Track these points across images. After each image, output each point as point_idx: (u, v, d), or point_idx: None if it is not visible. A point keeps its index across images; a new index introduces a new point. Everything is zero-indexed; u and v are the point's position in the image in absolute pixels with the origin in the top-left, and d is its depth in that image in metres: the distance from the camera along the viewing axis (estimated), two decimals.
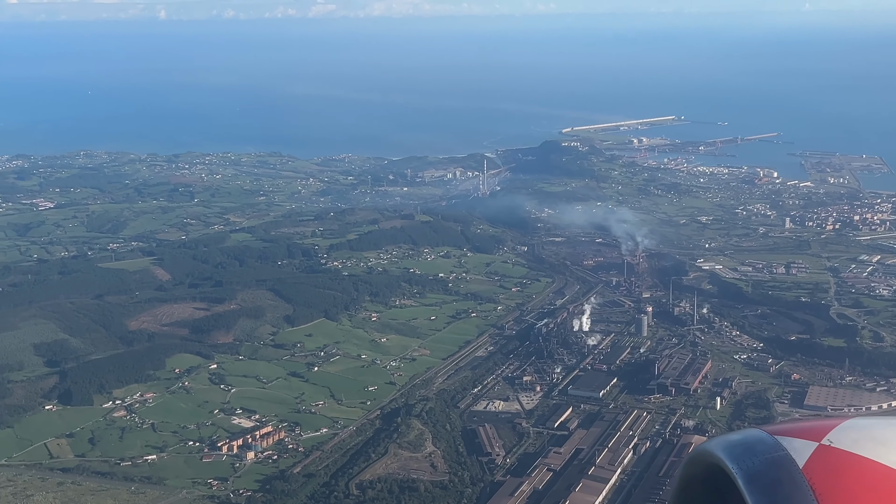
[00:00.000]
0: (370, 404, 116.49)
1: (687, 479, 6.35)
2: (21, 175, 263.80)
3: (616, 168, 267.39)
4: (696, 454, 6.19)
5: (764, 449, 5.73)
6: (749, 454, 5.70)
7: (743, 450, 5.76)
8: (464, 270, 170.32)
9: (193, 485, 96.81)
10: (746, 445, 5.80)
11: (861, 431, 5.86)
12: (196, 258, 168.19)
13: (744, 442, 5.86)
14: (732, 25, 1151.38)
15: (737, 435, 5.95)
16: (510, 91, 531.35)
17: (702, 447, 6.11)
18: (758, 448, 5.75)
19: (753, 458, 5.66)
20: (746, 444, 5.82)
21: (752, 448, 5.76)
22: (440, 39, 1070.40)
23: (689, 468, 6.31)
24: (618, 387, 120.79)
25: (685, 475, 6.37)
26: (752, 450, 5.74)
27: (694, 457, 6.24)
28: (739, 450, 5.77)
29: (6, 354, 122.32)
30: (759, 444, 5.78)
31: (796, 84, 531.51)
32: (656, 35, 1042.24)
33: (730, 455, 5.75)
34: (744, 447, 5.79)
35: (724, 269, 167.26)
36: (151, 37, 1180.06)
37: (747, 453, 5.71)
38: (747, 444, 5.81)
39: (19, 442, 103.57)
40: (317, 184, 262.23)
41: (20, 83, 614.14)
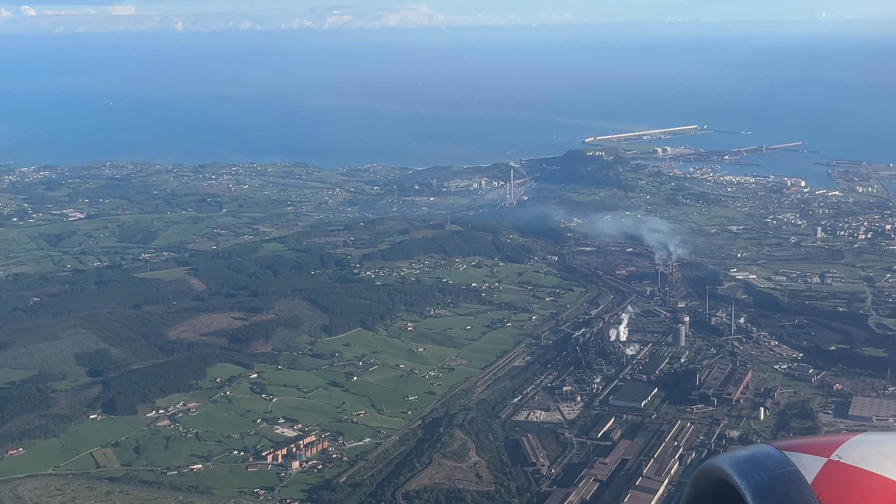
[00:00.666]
0: (411, 414, 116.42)
1: (696, 494, 6.28)
2: (50, 186, 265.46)
3: (643, 177, 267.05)
4: (705, 469, 6.14)
5: (773, 464, 5.67)
6: (758, 470, 5.64)
7: (751, 465, 5.70)
8: (496, 280, 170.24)
9: (240, 494, 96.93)
10: (755, 461, 5.75)
11: (870, 447, 5.78)
12: (230, 268, 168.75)
13: (752, 457, 5.81)
14: (749, 34, 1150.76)
15: (745, 450, 5.92)
16: (530, 101, 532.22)
17: (710, 462, 6.06)
18: (766, 463, 5.69)
19: (762, 473, 5.60)
20: (755, 460, 5.76)
21: (760, 463, 5.70)
22: (457, 50, 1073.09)
23: (698, 483, 6.25)
24: (659, 397, 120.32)
25: (694, 490, 6.29)
26: (761, 465, 5.68)
27: (703, 472, 6.19)
28: (748, 465, 5.71)
29: (48, 364, 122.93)
30: (768, 460, 5.72)
31: (817, 93, 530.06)
32: (673, 45, 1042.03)
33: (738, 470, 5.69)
34: (752, 462, 5.73)
35: (759, 279, 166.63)
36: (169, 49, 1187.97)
37: (756, 469, 5.65)
38: (756, 460, 5.76)
39: (66, 451, 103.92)
40: (343, 194, 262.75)
41: (41, 94, 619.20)
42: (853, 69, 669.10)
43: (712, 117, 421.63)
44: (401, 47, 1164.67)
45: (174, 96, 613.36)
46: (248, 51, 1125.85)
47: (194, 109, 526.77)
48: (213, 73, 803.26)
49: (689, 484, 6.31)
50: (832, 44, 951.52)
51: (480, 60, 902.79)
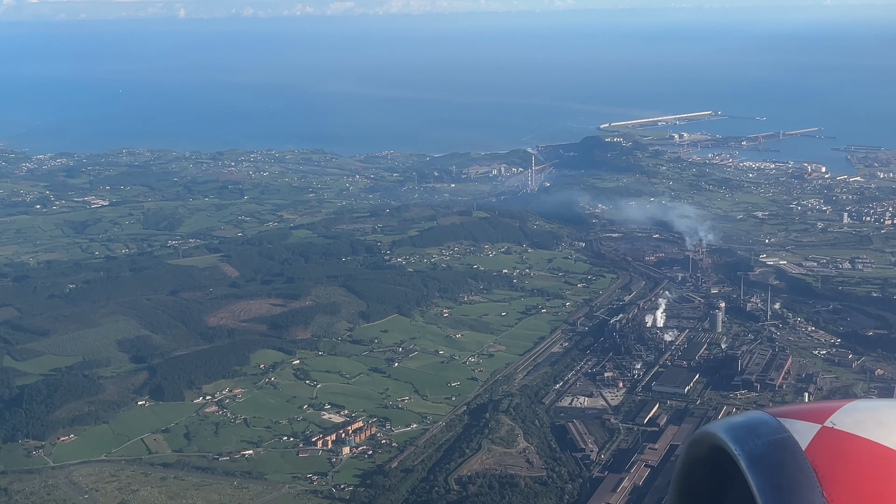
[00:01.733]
0: (455, 400, 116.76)
1: (690, 460, 6.31)
2: (70, 173, 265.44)
3: (663, 163, 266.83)
4: (700, 436, 6.15)
5: (767, 431, 5.70)
6: (752, 436, 5.67)
7: (746, 432, 5.73)
8: (526, 267, 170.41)
9: (293, 479, 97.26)
10: (749, 427, 5.77)
11: (864, 413, 5.81)
12: (262, 255, 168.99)
13: (747, 424, 5.83)
14: (755, 20, 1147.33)
15: (740, 417, 5.93)
16: (540, 87, 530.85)
17: (705, 429, 6.07)
18: (761, 430, 5.72)
19: (756, 440, 5.63)
20: (749, 427, 5.78)
21: (755, 430, 5.73)
22: (461, 36, 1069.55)
23: (693, 450, 6.26)
24: (701, 383, 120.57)
25: (688, 457, 6.32)
26: (755, 432, 5.71)
27: (697, 439, 6.20)
28: (742, 432, 5.74)
29: (92, 351, 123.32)
30: (763, 426, 5.75)
31: (829, 79, 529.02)
32: (679, 30, 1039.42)
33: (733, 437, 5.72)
34: (747, 429, 5.76)
35: (789, 265, 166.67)
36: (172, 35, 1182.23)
37: (750, 435, 5.68)
38: (750, 426, 5.78)
39: (116, 437, 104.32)
40: (363, 181, 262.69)
41: (48, 82, 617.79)
42: (862, 55, 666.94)
43: (725, 103, 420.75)
44: (405, 33, 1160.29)
45: (182, 83, 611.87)
46: (252, 37, 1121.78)
47: (204, 97, 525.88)
48: (219, 59, 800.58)
49: (683, 450, 6.36)
50: (839, 29, 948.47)
51: (486, 46, 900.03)
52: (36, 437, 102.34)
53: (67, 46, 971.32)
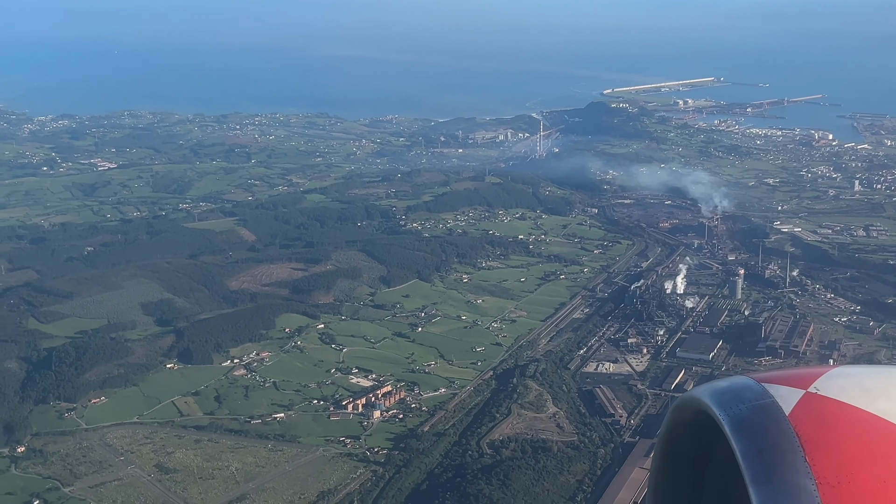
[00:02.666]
0: (481, 365, 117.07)
1: (674, 424, 6.35)
2: (74, 135, 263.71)
3: (671, 130, 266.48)
4: (684, 400, 6.19)
5: (751, 396, 5.73)
6: (736, 401, 5.70)
7: (730, 397, 5.76)
8: (542, 232, 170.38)
9: (326, 443, 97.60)
10: (734, 392, 5.81)
11: (848, 379, 5.87)
12: (277, 219, 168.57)
13: (731, 389, 5.86)
14: None
15: (724, 382, 5.97)
16: (539, 52, 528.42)
17: (689, 394, 6.10)
18: (745, 395, 5.75)
19: (740, 404, 5.67)
20: (733, 391, 5.82)
21: (739, 395, 5.76)
22: None
23: (677, 414, 6.31)
24: (725, 349, 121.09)
25: (672, 421, 6.36)
26: (739, 396, 5.74)
27: (681, 403, 6.24)
28: (727, 396, 5.77)
29: (117, 314, 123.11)
30: (746, 391, 5.79)
31: (830, 45, 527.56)
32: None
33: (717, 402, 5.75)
34: (731, 394, 5.79)
35: (804, 232, 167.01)
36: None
37: (734, 400, 5.71)
38: (734, 391, 5.82)
39: (147, 400, 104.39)
40: (370, 145, 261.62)
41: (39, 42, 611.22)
42: (861, 22, 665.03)
43: (727, 69, 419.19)
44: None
45: (176, 45, 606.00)
46: None
47: (201, 59, 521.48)
48: (213, 21, 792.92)
49: (668, 415, 6.41)
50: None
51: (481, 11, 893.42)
52: (67, 400, 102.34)
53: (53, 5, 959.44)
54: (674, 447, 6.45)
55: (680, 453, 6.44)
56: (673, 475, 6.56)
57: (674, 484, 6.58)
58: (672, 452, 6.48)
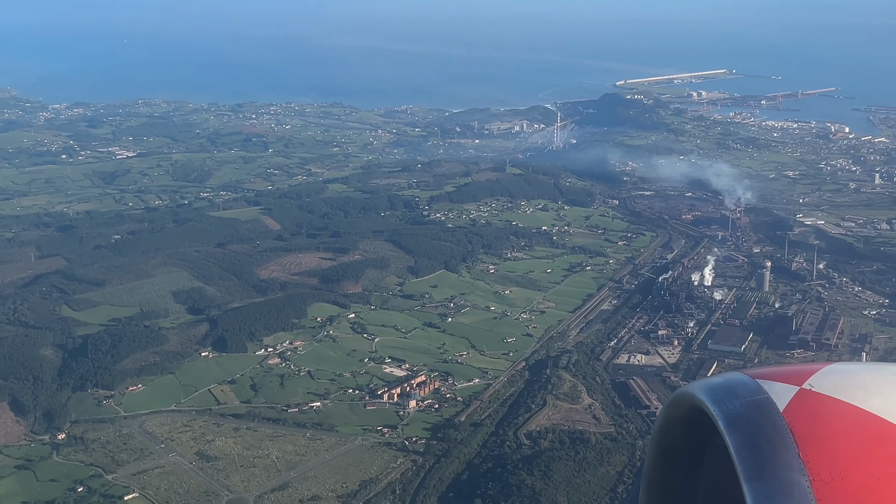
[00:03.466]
0: (513, 355, 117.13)
1: (668, 420, 6.37)
2: (91, 123, 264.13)
3: (688, 122, 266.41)
4: (679, 396, 6.21)
5: (745, 392, 5.74)
6: (730, 397, 5.71)
7: (725, 392, 5.77)
8: (565, 224, 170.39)
9: (364, 432, 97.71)
10: (728, 388, 5.82)
11: (842, 376, 5.87)
12: (301, 208, 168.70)
13: (726, 385, 5.87)
14: None
15: (719, 378, 5.98)
16: (548, 42, 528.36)
17: (684, 389, 6.11)
18: (739, 391, 5.76)
19: (734, 400, 5.67)
20: (728, 387, 5.83)
21: (733, 391, 5.77)
22: None
23: (671, 410, 6.32)
24: (756, 341, 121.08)
25: (667, 416, 6.38)
26: (734, 392, 5.75)
27: (676, 399, 6.25)
28: (721, 392, 5.78)
29: (149, 302, 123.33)
30: (741, 388, 5.79)
31: (839, 38, 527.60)
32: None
33: (711, 397, 5.76)
34: (725, 390, 5.80)
35: (827, 225, 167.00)
36: None
37: (729, 396, 5.72)
38: (729, 387, 5.82)
39: (184, 388, 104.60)
40: (386, 135, 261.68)
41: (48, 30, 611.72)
42: (867, 14, 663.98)
43: (738, 61, 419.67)
44: None
45: (187, 34, 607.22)
46: None
47: (212, 48, 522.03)
48: (220, 10, 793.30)
49: (662, 410, 6.43)
50: None
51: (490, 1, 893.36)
52: (105, 387, 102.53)
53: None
54: (668, 442, 6.48)
55: (674, 448, 6.46)
56: (667, 470, 6.57)
57: (668, 479, 6.59)
58: (666, 448, 6.50)
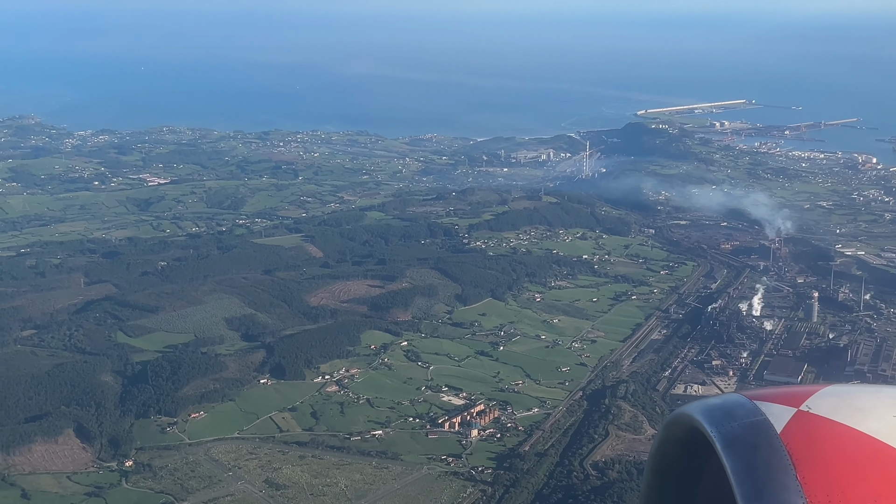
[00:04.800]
0: (569, 385, 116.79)
1: (666, 441, 6.39)
2: (121, 150, 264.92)
3: (715, 151, 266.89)
4: (676, 417, 6.21)
5: (743, 413, 5.75)
6: (728, 418, 5.72)
7: (722, 414, 5.79)
8: (605, 252, 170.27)
9: (429, 461, 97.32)
10: (725, 409, 5.83)
11: (840, 398, 5.89)
12: (343, 236, 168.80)
13: (723, 406, 5.89)
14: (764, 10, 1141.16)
15: (716, 399, 5.99)
16: (564, 72, 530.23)
17: (681, 410, 6.14)
18: (737, 412, 5.77)
19: (732, 422, 5.69)
20: (725, 409, 5.84)
21: (731, 412, 5.78)
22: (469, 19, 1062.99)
23: (669, 430, 6.34)
24: (811, 373, 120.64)
25: (664, 437, 6.40)
26: (731, 414, 5.76)
27: (673, 419, 6.26)
28: (718, 413, 5.80)
29: (204, 329, 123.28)
30: (739, 409, 5.81)
31: (855, 69, 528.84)
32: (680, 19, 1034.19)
33: (709, 419, 5.78)
34: (723, 411, 5.82)
35: (868, 255, 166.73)
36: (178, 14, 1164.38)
37: (726, 417, 5.74)
38: (726, 409, 5.84)
39: (245, 415, 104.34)
40: (414, 164, 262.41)
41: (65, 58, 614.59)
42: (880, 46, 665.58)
43: (756, 92, 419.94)
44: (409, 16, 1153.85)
45: (201, 62, 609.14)
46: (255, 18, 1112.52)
47: (229, 76, 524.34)
48: (231, 39, 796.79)
49: (660, 430, 6.45)
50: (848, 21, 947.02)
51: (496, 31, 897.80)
52: (167, 414, 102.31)
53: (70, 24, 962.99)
54: (665, 463, 6.48)
55: (671, 469, 6.47)
56: (664, 491, 6.57)
57: (664, 499, 6.59)
58: (664, 468, 6.51)
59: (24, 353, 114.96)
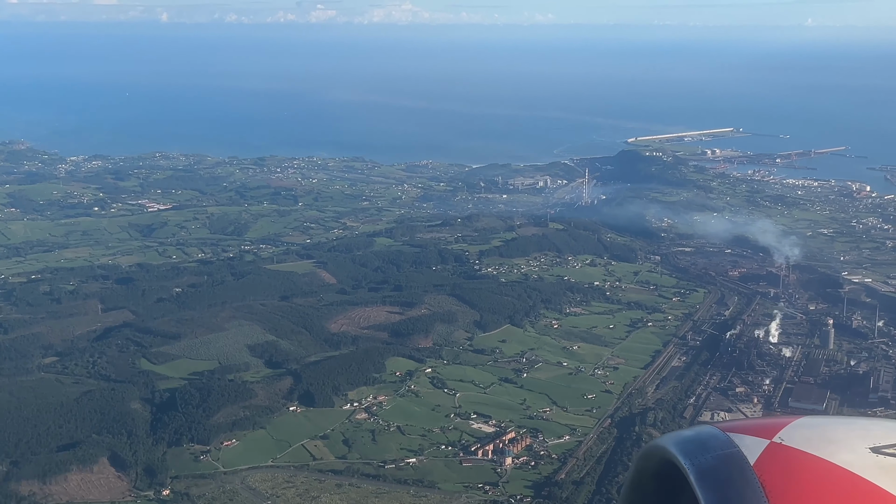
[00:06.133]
0: (596, 412, 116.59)
1: (640, 473, 6.40)
2: (118, 176, 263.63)
3: (712, 179, 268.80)
4: (650, 449, 6.25)
5: (716, 445, 5.79)
6: (701, 450, 5.76)
7: (695, 446, 5.83)
8: (615, 279, 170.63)
9: (466, 489, 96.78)
10: (699, 441, 5.88)
11: (812, 430, 5.94)
12: (354, 262, 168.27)
13: (696, 438, 5.94)
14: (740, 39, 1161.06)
15: (689, 431, 6.06)
16: (552, 100, 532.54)
17: (655, 442, 6.17)
18: (710, 444, 5.81)
19: (705, 454, 5.71)
20: (699, 441, 5.89)
21: (704, 444, 5.83)
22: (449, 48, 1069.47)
23: (643, 462, 6.36)
24: (834, 399, 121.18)
25: (638, 469, 6.41)
26: (705, 446, 5.80)
27: (647, 452, 6.30)
28: (692, 446, 5.84)
29: (227, 356, 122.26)
30: (712, 441, 5.85)
31: (838, 98, 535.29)
32: (666, 47, 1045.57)
33: (682, 451, 5.81)
34: (696, 443, 5.86)
35: (875, 283, 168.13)
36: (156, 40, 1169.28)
37: (699, 449, 5.77)
38: (700, 441, 5.89)
39: (277, 443, 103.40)
40: (413, 190, 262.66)
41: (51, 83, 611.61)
42: (860, 75, 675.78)
43: (742, 120, 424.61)
44: (392, 44, 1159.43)
45: (185, 88, 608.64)
46: (237, 44, 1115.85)
47: (216, 103, 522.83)
48: (210, 65, 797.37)
49: (634, 463, 6.45)
50: (826, 50, 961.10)
51: (480, 58, 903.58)
52: (200, 442, 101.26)
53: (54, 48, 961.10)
54: (639, 496, 6.46)
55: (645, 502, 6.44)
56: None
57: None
58: (638, 501, 6.48)
59: (49, 380, 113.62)
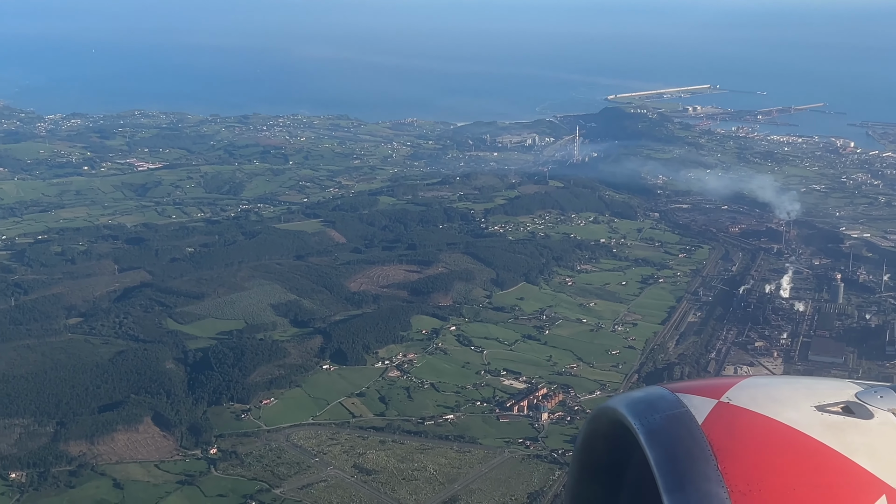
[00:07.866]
0: (622, 367, 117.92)
1: (590, 434, 6.51)
2: (103, 134, 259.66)
3: (700, 136, 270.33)
4: (600, 411, 6.36)
5: (665, 405, 5.90)
6: (650, 410, 5.87)
7: (645, 406, 5.93)
8: (620, 236, 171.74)
9: (507, 444, 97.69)
10: (648, 402, 5.98)
11: (758, 389, 6.09)
12: (361, 221, 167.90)
13: (646, 399, 6.04)
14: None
15: (639, 392, 6.18)
16: (528, 57, 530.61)
17: (605, 404, 6.29)
18: (659, 405, 5.92)
19: (654, 414, 5.82)
20: (648, 401, 5.99)
21: (653, 405, 5.93)
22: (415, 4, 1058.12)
23: (593, 424, 6.46)
24: (852, 352, 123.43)
25: (588, 431, 6.51)
26: (654, 406, 5.91)
27: (597, 413, 6.41)
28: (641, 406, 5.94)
29: (252, 315, 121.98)
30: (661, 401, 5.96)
31: (811, 55, 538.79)
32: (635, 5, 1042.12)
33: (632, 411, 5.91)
34: (646, 404, 5.96)
35: (874, 238, 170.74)
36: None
37: (649, 410, 5.88)
38: (649, 401, 5.99)
39: (315, 401, 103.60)
40: (402, 148, 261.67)
41: (14, 39, 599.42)
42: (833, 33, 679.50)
43: (718, 77, 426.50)
44: None
45: (154, 45, 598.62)
46: None
47: (187, 59, 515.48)
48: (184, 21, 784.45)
49: (584, 425, 6.60)
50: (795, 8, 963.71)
51: (441, 14, 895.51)
52: (240, 401, 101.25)
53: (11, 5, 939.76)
54: (590, 456, 6.59)
55: (597, 462, 6.59)
56: (590, 484, 6.70)
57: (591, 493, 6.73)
58: (589, 462, 6.63)
59: (78, 340, 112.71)
